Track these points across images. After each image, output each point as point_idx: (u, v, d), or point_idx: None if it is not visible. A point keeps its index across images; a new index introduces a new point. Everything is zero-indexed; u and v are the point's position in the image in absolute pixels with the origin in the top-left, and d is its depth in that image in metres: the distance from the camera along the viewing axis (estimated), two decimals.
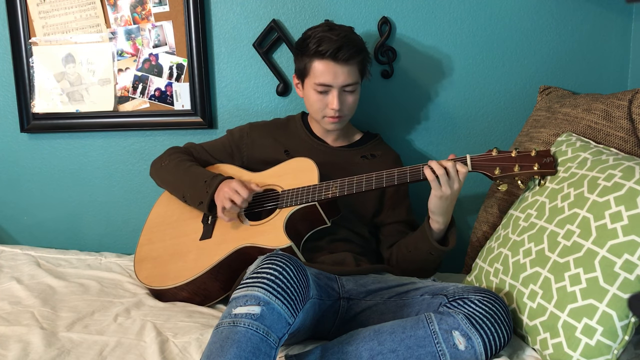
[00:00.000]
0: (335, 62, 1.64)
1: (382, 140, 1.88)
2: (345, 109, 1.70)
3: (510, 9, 1.93)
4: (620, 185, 1.27)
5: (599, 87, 1.93)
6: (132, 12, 2.03)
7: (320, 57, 1.65)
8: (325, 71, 1.65)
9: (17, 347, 1.36)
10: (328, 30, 1.67)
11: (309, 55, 1.66)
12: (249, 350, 1.14)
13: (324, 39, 1.64)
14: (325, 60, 1.64)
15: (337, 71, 1.65)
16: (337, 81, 1.66)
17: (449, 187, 1.49)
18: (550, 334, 1.27)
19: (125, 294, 1.71)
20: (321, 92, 1.68)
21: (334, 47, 1.62)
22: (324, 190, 1.60)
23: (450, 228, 1.61)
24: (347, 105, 1.70)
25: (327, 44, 1.63)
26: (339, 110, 1.68)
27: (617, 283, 1.21)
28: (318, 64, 1.66)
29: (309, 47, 1.66)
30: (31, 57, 2.08)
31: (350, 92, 1.69)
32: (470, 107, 1.99)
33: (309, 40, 1.67)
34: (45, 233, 2.21)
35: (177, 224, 1.77)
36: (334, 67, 1.65)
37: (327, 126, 1.75)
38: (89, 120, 2.11)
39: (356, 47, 1.67)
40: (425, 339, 1.27)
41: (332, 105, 1.68)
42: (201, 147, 1.87)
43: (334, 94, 1.67)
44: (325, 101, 1.69)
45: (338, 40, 1.63)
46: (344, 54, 1.63)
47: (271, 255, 1.29)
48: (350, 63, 1.66)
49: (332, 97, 1.67)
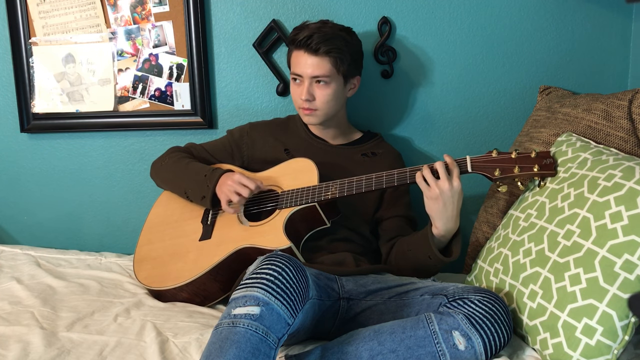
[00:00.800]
0: (306, 51, 1.67)
1: (382, 139, 1.88)
2: (318, 102, 1.70)
3: (510, 9, 1.93)
4: (621, 185, 1.27)
5: (599, 87, 1.93)
6: (132, 12, 2.03)
7: (296, 47, 1.70)
8: (298, 61, 1.70)
9: (17, 347, 1.36)
10: (313, 23, 1.72)
11: (289, 44, 1.73)
12: (248, 351, 1.14)
13: (300, 28, 1.70)
14: (298, 49, 1.69)
15: (307, 61, 1.68)
16: (305, 71, 1.68)
17: (437, 188, 1.47)
18: (550, 334, 1.27)
19: (125, 294, 1.71)
20: (297, 83, 1.72)
21: (305, 36, 1.66)
22: (323, 190, 1.60)
23: (455, 238, 1.56)
24: (318, 98, 1.70)
25: (302, 32, 1.68)
26: (309, 102, 1.70)
27: (617, 283, 1.21)
28: (294, 54, 1.72)
29: (288, 38, 1.73)
30: (31, 57, 2.09)
31: (323, 83, 1.69)
32: (470, 107, 1.99)
33: (292, 32, 1.73)
34: (45, 233, 2.21)
35: (177, 225, 1.77)
36: (304, 56, 1.68)
37: (304, 119, 1.77)
38: (89, 120, 2.11)
39: (326, 39, 1.66)
40: (425, 339, 1.27)
41: (301, 95, 1.70)
42: (201, 147, 1.87)
43: (304, 84, 1.69)
44: (298, 92, 1.72)
45: (312, 30, 1.67)
46: (314, 42, 1.65)
47: (271, 255, 1.29)
48: (320, 54, 1.66)
49: (302, 87, 1.71)
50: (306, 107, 1.71)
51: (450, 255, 1.55)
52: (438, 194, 1.47)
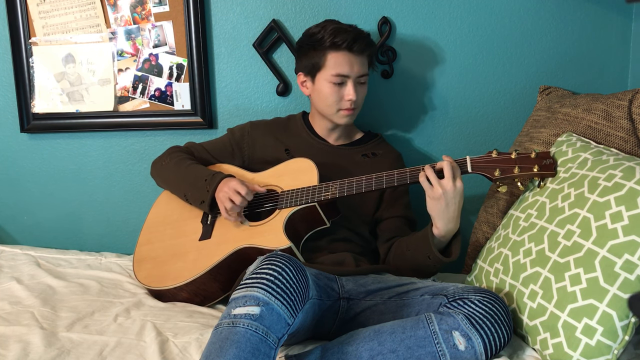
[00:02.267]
0: (351, 53, 1.69)
1: (383, 140, 1.88)
2: (359, 100, 1.74)
3: (510, 9, 1.93)
4: (621, 185, 1.27)
5: (599, 87, 1.93)
6: (132, 12, 2.03)
7: (336, 49, 1.68)
8: (342, 62, 1.69)
9: (17, 347, 1.36)
10: (337, 24, 1.72)
11: (324, 48, 1.69)
12: (248, 351, 1.14)
13: (338, 31, 1.69)
14: (341, 51, 1.68)
15: (353, 61, 1.69)
16: (353, 71, 1.69)
17: (440, 187, 1.47)
18: (550, 334, 1.27)
19: (125, 294, 1.71)
20: (337, 84, 1.70)
21: (350, 38, 1.67)
22: (323, 191, 1.60)
23: (455, 239, 1.57)
24: (360, 96, 1.74)
25: (342, 35, 1.68)
26: (355, 101, 1.71)
27: (618, 283, 1.20)
28: (334, 55, 1.69)
29: (324, 40, 1.69)
30: (31, 57, 2.09)
31: (362, 83, 1.74)
32: (470, 107, 1.99)
33: (322, 34, 1.70)
34: (45, 233, 2.21)
35: (177, 224, 1.77)
36: (350, 58, 1.69)
37: (340, 120, 1.75)
38: (89, 120, 2.11)
39: (367, 40, 1.73)
40: (425, 339, 1.27)
41: (349, 96, 1.70)
42: (202, 146, 1.87)
43: (350, 84, 1.70)
44: (341, 93, 1.71)
45: (352, 32, 1.70)
46: (359, 45, 1.69)
47: (271, 255, 1.29)
48: (364, 55, 1.71)
49: (349, 87, 1.70)
50: (351, 107, 1.72)
51: (450, 256, 1.55)
52: (441, 194, 1.47)
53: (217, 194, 1.64)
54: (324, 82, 1.71)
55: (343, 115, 1.74)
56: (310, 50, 1.72)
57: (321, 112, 1.78)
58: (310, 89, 1.77)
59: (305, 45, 1.74)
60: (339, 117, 1.75)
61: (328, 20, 1.75)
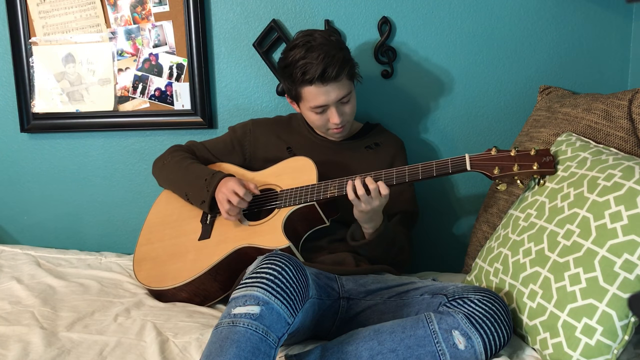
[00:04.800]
0: (324, 84, 1.63)
1: (383, 128, 1.89)
2: (347, 117, 1.72)
3: (510, 9, 1.93)
4: (620, 185, 1.27)
5: (599, 87, 1.93)
6: (132, 12, 2.03)
7: (308, 84, 1.64)
8: (316, 95, 1.65)
9: (17, 347, 1.36)
10: (306, 51, 1.62)
11: (297, 83, 1.65)
12: (248, 350, 1.14)
13: (306, 66, 1.61)
14: (313, 85, 1.63)
15: (329, 90, 1.64)
16: (330, 99, 1.66)
17: (369, 205, 1.51)
18: (550, 334, 1.27)
19: (126, 294, 1.71)
20: (319, 113, 1.69)
21: (320, 71, 1.60)
22: (322, 189, 1.60)
23: None
24: (346, 114, 1.71)
25: (311, 70, 1.61)
26: (341, 121, 1.70)
27: (617, 283, 1.21)
28: (308, 90, 1.65)
29: (296, 77, 1.64)
30: (31, 57, 2.09)
31: (346, 102, 1.70)
32: (470, 107, 1.99)
33: (291, 68, 1.64)
34: (45, 233, 2.21)
35: (176, 224, 1.77)
36: (324, 89, 1.64)
37: (334, 136, 1.77)
38: (89, 120, 2.11)
39: (339, 63, 1.63)
40: (425, 338, 1.27)
41: (333, 120, 1.69)
42: (203, 145, 1.87)
43: (332, 110, 1.68)
44: (325, 117, 1.70)
45: (319, 63, 1.60)
46: (330, 73, 1.61)
47: (270, 255, 1.29)
48: (340, 78, 1.65)
49: (331, 113, 1.68)
50: (340, 127, 1.72)
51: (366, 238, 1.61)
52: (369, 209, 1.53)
53: (216, 195, 1.64)
54: (307, 110, 1.71)
55: (334, 133, 1.75)
56: (286, 81, 1.70)
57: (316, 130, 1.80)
58: (297, 108, 1.77)
59: (281, 74, 1.73)
60: (331, 135, 1.77)
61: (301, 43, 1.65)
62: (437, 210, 2.04)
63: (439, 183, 2.03)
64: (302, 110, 1.74)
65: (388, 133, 1.88)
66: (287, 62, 1.66)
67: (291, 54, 1.65)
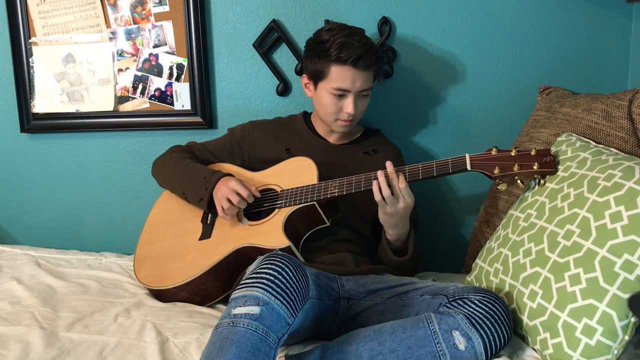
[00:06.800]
0: (356, 69, 1.65)
1: (383, 136, 1.89)
2: (358, 112, 1.72)
3: (510, 9, 1.93)
4: (620, 185, 1.27)
5: (599, 87, 1.93)
6: (132, 12, 2.03)
7: (341, 63, 1.65)
8: (344, 77, 1.66)
9: (17, 347, 1.36)
10: (348, 35, 1.66)
11: (329, 59, 1.66)
12: (248, 350, 1.14)
13: (345, 45, 1.64)
14: (345, 66, 1.65)
15: (356, 77, 1.66)
16: (354, 87, 1.67)
17: (394, 206, 1.53)
18: (550, 334, 1.27)
19: (125, 294, 1.71)
20: (337, 96, 1.69)
21: (357, 55, 1.63)
22: (322, 189, 1.60)
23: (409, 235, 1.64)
24: (360, 109, 1.72)
25: (348, 50, 1.63)
26: (354, 114, 1.70)
27: (617, 283, 1.20)
28: (337, 69, 1.66)
29: (330, 52, 1.65)
30: (31, 57, 2.09)
31: (364, 96, 1.72)
32: (470, 107, 1.99)
33: (329, 44, 1.66)
34: (45, 233, 2.21)
35: (177, 224, 1.77)
36: (353, 73, 1.65)
37: (337, 129, 1.76)
38: (89, 120, 2.11)
39: (376, 56, 1.68)
40: (425, 339, 1.27)
41: (347, 110, 1.69)
42: (202, 145, 1.87)
43: (350, 98, 1.68)
44: (340, 105, 1.70)
45: (360, 48, 1.64)
46: (364, 62, 1.64)
47: (271, 255, 1.29)
48: (369, 70, 1.68)
49: (348, 101, 1.69)
50: (349, 120, 1.72)
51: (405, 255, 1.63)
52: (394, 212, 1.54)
53: (215, 193, 1.64)
54: (325, 92, 1.70)
55: (340, 125, 1.74)
56: (315, 57, 1.70)
57: (320, 117, 1.79)
58: (312, 92, 1.77)
59: (311, 51, 1.73)
60: (336, 125, 1.75)
61: (340, 27, 1.70)
62: (437, 210, 2.04)
63: (439, 183, 2.03)
64: (319, 91, 1.72)
65: (387, 141, 1.88)
66: (322, 39, 1.69)
67: (330, 33, 1.68)
